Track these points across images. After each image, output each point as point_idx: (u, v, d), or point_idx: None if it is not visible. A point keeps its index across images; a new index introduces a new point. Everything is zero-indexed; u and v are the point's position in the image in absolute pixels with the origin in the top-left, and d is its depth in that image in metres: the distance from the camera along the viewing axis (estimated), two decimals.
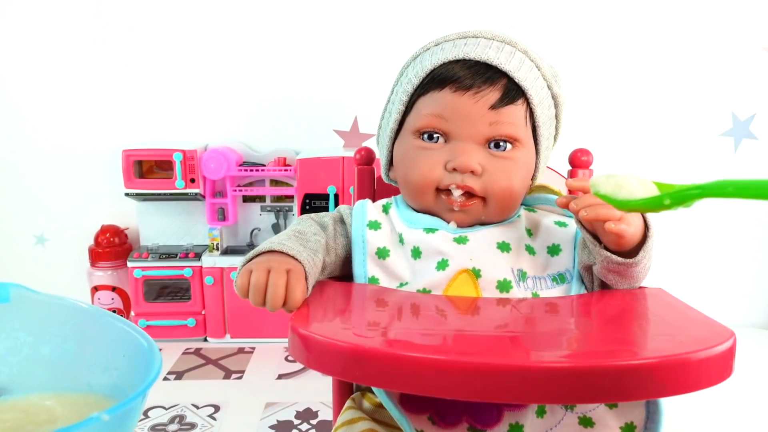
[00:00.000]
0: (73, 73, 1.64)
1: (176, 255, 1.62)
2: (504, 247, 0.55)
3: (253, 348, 1.64)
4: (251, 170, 1.61)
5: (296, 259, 0.50)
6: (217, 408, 1.31)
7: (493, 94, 0.54)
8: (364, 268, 0.56)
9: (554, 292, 0.54)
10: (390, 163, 0.62)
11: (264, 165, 1.65)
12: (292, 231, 0.57)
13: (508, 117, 0.54)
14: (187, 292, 1.65)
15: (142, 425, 1.23)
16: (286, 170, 1.61)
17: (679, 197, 0.40)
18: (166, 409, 1.31)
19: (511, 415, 0.48)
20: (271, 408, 1.31)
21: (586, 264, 0.55)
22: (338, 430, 0.54)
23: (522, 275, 0.54)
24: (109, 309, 1.68)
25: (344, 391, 0.62)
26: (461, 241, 0.55)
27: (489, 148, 0.55)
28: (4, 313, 0.49)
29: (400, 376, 0.36)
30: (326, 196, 1.57)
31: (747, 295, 1.74)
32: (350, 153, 1.56)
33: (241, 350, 1.62)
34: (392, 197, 0.63)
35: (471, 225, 0.57)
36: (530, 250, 0.56)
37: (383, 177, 0.65)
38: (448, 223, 0.57)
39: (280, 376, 1.47)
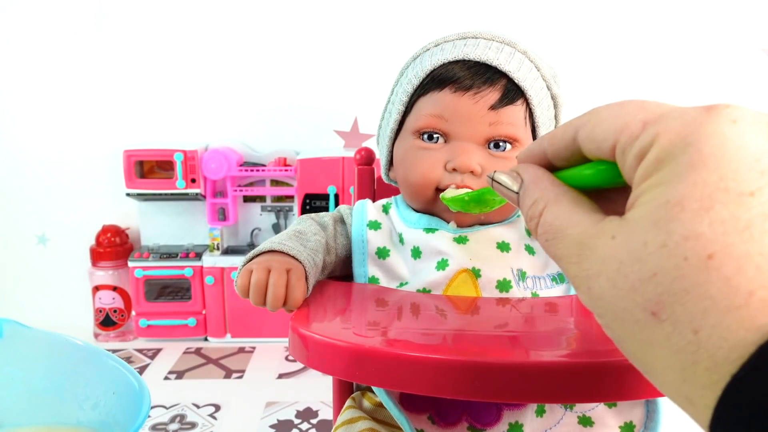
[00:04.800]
0: (75, 74, 1.65)
1: (177, 255, 1.63)
2: (504, 246, 0.56)
3: (254, 347, 1.64)
4: (252, 170, 1.62)
5: (296, 259, 0.50)
6: (217, 407, 1.32)
7: (492, 95, 0.54)
8: (364, 267, 0.57)
9: (554, 291, 0.55)
10: (390, 163, 0.63)
11: (264, 165, 1.65)
12: (293, 231, 0.57)
13: (507, 117, 0.55)
14: (187, 292, 1.65)
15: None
16: (286, 170, 1.62)
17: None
18: (167, 408, 1.31)
19: (511, 414, 0.48)
20: (271, 407, 1.32)
21: None
22: (338, 429, 0.54)
23: (522, 275, 0.54)
24: (110, 309, 1.68)
25: (344, 391, 0.63)
26: (461, 240, 0.55)
27: (489, 148, 0.56)
28: None
29: (400, 375, 0.37)
30: (326, 196, 1.57)
31: None
32: (350, 153, 1.56)
33: (241, 350, 1.62)
34: (392, 197, 0.63)
35: (471, 225, 0.57)
36: (530, 250, 0.56)
37: (383, 177, 0.66)
38: (448, 223, 0.57)
39: (280, 376, 1.47)
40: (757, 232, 0.19)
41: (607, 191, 0.26)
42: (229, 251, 1.69)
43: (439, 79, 0.55)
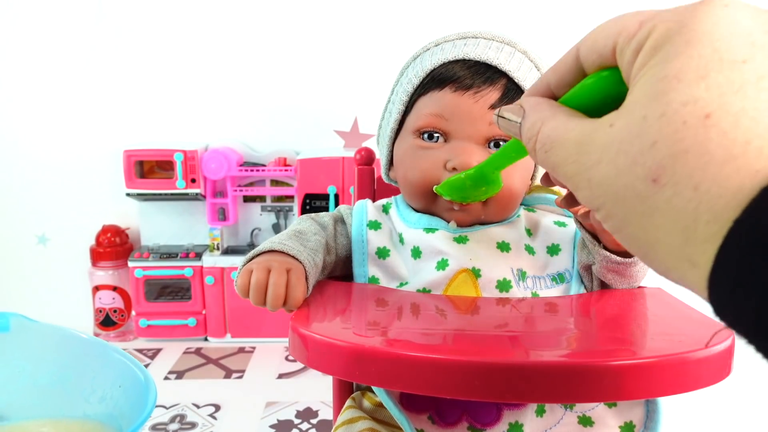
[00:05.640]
0: (75, 74, 1.65)
1: (177, 255, 1.63)
2: (504, 246, 0.56)
3: (254, 347, 1.64)
4: (252, 170, 1.62)
5: (296, 259, 0.50)
6: (217, 407, 1.32)
7: (492, 94, 0.54)
8: (364, 267, 0.57)
9: (554, 291, 0.55)
10: (390, 163, 0.63)
11: (264, 165, 1.65)
12: (292, 231, 0.57)
13: None
14: (187, 292, 1.65)
15: None
16: (286, 170, 1.62)
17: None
18: (167, 408, 1.31)
19: (511, 414, 0.48)
20: (271, 407, 1.32)
21: (586, 264, 0.55)
22: (338, 429, 0.54)
23: (522, 275, 0.54)
24: (110, 309, 1.68)
25: (344, 391, 0.62)
26: (461, 240, 0.55)
27: (489, 147, 0.55)
28: (4, 342, 0.50)
29: (399, 375, 0.36)
30: (326, 196, 1.57)
31: None
32: (350, 153, 1.56)
33: (241, 350, 1.62)
34: (392, 197, 0.63)
35: (471, 224, 0.57)
36: (530, 250, 0.56)
37: (383, 177, 0.66)
38: (448, 222, 0.57)
39: (280, 376, 1.47)
40: (751, 91, 0.20)
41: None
42: (229, 251, 1.69)
43: (439, 78, 0.55)
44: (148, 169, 1.63)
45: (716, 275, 0.19)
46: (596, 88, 0.27)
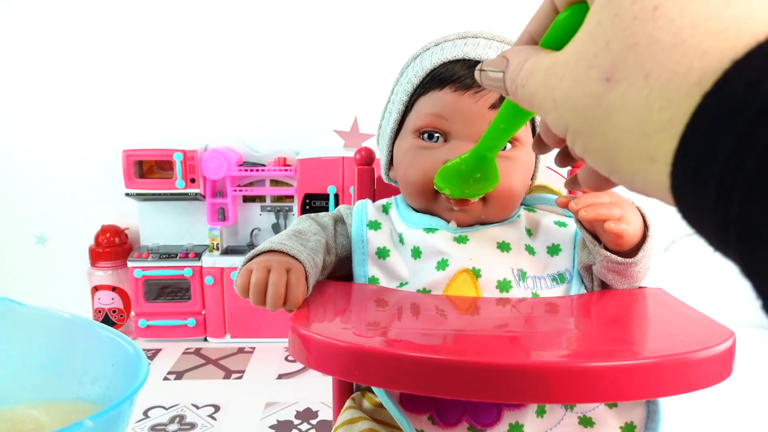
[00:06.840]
0: (74, 74, 1.65)
1: (176, 255, 1.63)
2: (504, 246, 0.55)
3: (253, 348, 1.64)
4: (251, 170, 1.61)
5: (296, 259, 0.50)
6: (217, 408, 1.32)
7: (493, 94, 0.54)
8: (364, 267, 0.57)
9: (554, 291, 0.54)
10: (390, 163, 0.62)
11: (264, 165, 1.65)
12: (292, 231, 0.57)
13: None
14: (187, 292, 1.65)
15: (142, 425, 1.23)
16: (286, 170, 1.62)
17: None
18: (166, 409, 1.31)
19: (511, 414, 0.48)
20: (271, 408, 1.32)
21: (586, 264, 0.55)
22: (338, 429, 0.54)
23: (522, 275, 0.54)
24: (109, 309, 1.68)
25: (344, 391, 0.62)
26: (461, 240, 0.55)
27: None
28: None
29: (399, 375, 0.36)
30: (326, 196, 1.57)
31: (747, 295, 1.74)
32: (350, 153, 1.56)
33: (241, 350, 1.62)
34: (392, 197, 0.63)
35: (471, 225, 0.57)
36: (530, 250, 0.56)
37: (383, 177, 0.65)
38: (448, 222, 0.57)
39: (280, 376, 1.47)
40: None
41: None
42: (228, 251, 1.68)
43: (439, 78, 0.55)
44: (148, 169, 1.63)
45: (676, 167, 0.19)
46: (568, 23, 0.28)
